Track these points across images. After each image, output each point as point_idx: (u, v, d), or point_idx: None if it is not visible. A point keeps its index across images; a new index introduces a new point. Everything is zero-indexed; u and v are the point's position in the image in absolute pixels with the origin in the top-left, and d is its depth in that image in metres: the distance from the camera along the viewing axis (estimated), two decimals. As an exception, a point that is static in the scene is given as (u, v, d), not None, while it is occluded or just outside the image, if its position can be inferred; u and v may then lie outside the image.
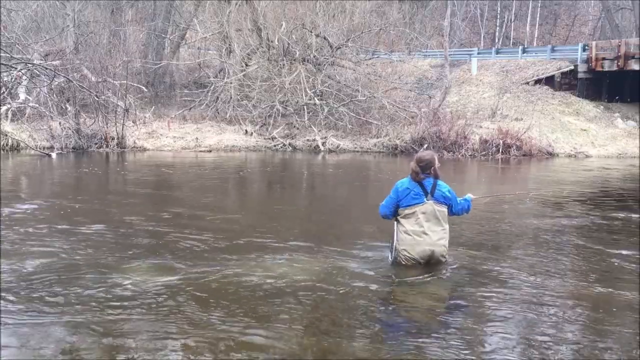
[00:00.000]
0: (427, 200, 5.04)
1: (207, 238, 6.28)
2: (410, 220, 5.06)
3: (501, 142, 17.75)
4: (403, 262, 5.12)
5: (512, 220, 7.76)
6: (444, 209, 5.12)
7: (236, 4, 20.39)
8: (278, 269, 5.15)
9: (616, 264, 5.64)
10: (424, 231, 5.04)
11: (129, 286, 4.65)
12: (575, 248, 6.33)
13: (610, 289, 4.82)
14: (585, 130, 20.54)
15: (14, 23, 20.57)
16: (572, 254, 6.03)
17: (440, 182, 5.13)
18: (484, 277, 5.08)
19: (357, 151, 18.10)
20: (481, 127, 18.99)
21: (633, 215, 8.27)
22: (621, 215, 8.35)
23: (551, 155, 18.41)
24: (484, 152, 17.68)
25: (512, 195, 9.18)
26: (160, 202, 8.99)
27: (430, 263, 5.10)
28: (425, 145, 17.40)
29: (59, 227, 6.68)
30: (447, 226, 5.17)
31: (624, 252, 6.09)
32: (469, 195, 5.49)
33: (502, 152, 17.60)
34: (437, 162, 5.13)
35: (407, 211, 5.07)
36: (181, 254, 5.65)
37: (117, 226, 6.80)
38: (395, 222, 5.22)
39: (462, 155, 17.33)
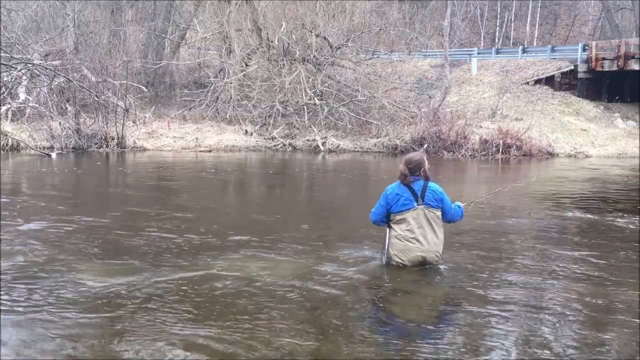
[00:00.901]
0: (418, 205, 4.88)
1: (202, 237, 6.28)
2: (402, 226, 4.93)
3: (501, 142, 17.75)
4: (394, 264, 5.05)
5: (506, 220, 7.76)
6: (437, 213, 4.94)
7: (236, 4, 20.40)
8: (266, 270, 5.08)
9: (615, 264, 5.64)
10: (416, 237, 4.90)
11: (98, 287, 4.57)
12: (571, 248, 6.32)
13: (609, 290, 4.81)
14: (585, 130, 20.55)
15: (14, 23, 20.58)
16: (569, 254, 6.02)
17: (431, 183, 4.96)
18: (479, 277, 5.04)
19: (357, 151, 18.10)
20: (481, 127, 19.00)
21: (628, 218, 8.27)
22: (619, 216, 8.35)
23: (551, 155, 18.42)
24: (484, 152, 17.69)
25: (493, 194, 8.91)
26: (147, 201, 8.98)
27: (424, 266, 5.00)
28: (425, 145, 17.41)
29: (28, 225, 6.66)
30: (441, 230, 4.99)
31: (623, 253, 6.09)
32: (458, 203, 5.31)
33: (502, 152, 17.61)
34: (426, 163, 4.98)
35: (397, 217, 4.94)
36: (163, 253, 5.59)
37: (85, 225, 6.74)
38: (387, 226, 5.11)
39: (462, 156, 17.33)
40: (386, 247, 5.14)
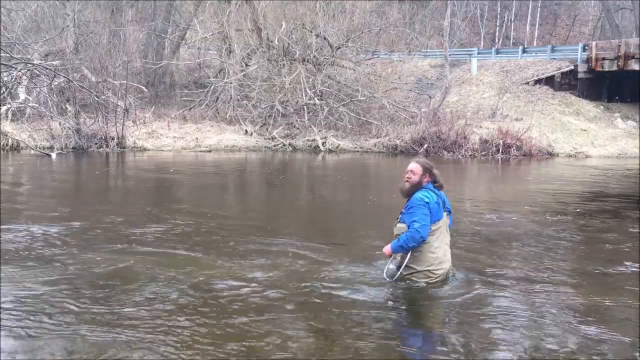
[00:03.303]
0: (444, 212, 4.69)
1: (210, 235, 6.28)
2: (434, 237, 4.58)
3: (501, 142, 17.74)
4: (426, 281, 4.60)
5: (506, 225, 7.76)
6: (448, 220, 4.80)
7: (236, 4, 20.40)
8: (262, 272, 5.06)
9: (616, 266, 5.64)
10: (446, 247, 4.68)
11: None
12: (571, 250, 6.32)
13: (610, 291, 4.81)
14: (585, 130, 20.54)
15: (14, 23, 20.58)
16: (569, 256, 6.02)
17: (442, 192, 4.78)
18: (478, 280, 5.02)
19: (357, 151, 18.10)
20: (481, 127, 18.99)
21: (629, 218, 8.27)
22: (617, 218, 8.35)
23: (551, 155, 18.41)
24: (484, 152, 17.68)
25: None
26: (134, 201, 8.98)
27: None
28: (425, 146, 17.42)
29: None
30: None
31: (623, 254, 6.09)
32: None
33: (502, 152, 17.60)
34: None
35: (433, 227, 4.56)
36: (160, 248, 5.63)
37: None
38: None
39: (462, 156, 17.32)
40: (403, 263, 4.63)
